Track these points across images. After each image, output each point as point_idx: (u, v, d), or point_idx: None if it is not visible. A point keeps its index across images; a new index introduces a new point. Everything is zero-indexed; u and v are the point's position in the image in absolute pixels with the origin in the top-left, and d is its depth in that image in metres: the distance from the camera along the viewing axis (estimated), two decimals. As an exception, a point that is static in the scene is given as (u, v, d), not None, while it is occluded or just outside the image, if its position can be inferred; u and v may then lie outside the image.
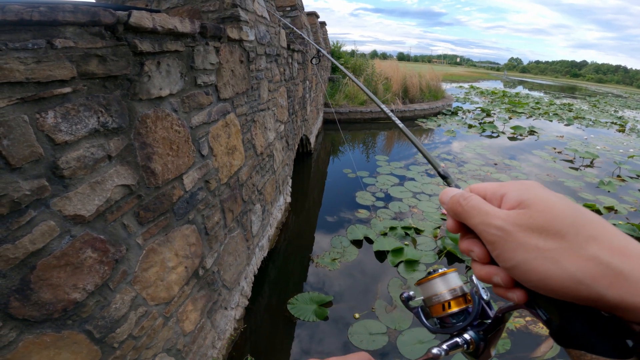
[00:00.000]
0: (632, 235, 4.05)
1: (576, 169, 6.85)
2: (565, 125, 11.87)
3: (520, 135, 9.58)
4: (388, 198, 5.01)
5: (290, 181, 4.46)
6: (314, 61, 5.19)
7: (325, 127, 9.31)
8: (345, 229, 4.10)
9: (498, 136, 9.34)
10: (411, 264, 3.43)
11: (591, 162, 7.34)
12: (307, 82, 5.64)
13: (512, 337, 2.57)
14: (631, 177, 6.51)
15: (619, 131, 11.55)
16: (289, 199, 4.34)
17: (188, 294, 1.57)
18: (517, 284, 0.29)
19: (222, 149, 1.82)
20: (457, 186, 0.39)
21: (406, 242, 3.80)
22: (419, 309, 0.43)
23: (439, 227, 4.18)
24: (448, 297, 0.39)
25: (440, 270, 0.41)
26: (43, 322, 0.88)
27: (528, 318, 2.76)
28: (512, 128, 10.03)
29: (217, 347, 2.08)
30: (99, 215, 1.00)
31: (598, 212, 4.79)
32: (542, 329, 2.65)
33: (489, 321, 0.37)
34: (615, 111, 17.37)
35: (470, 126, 10.22)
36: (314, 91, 6.77)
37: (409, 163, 6.64)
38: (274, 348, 2.47)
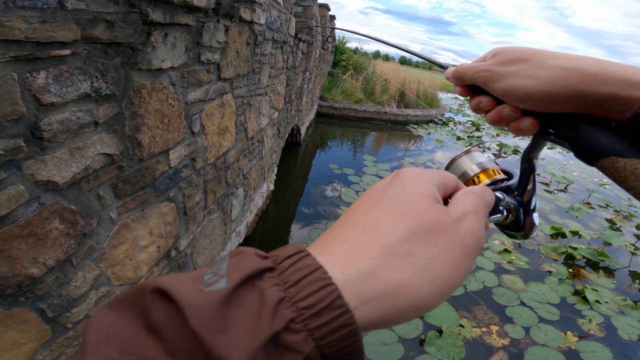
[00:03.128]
0: (590, 259, 4.31)
1: (550, 192, 7.10)
2: (548, 148, 12.18)
3: (505, 152, 9.81)
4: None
5: (275, 169, 4.41)
6: (326, 44, 5.11)
7: (317, 120, 9.27)
8: (325, 224, 4.10)
9: (484, 151, 9.39)
10: None
11: (565, 187, 7.63)
12: (308, 73, 5.57)
13: (467, 347, 2.66)
14: (600, 206, 6.82)
15: None
16: (272, 187, 4.30)
17: (156, 275, 1.50)
18: (525, 113, 0.35)
19: (213, 129, 1.76)
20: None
21: None
22: None
23: None
24: (477, 170, 0.40)
25: (467, 149, 0.43)
26: (-7, 298, 0.80)
27: (484, 329, 2.86)
28: (497, 145, 10.22)
29: None
30: (74, 183, 0.92)
31: (563, 235, 5.02)
32: (495, 339, 2.76)
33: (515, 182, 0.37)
34: None
35: (458, 138, 10.38)
36: (312, 83, 6.72)
37: (394, 166, 6.72)
38: None
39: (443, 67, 0.52)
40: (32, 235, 0.84)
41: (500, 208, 0.35)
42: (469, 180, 0.39)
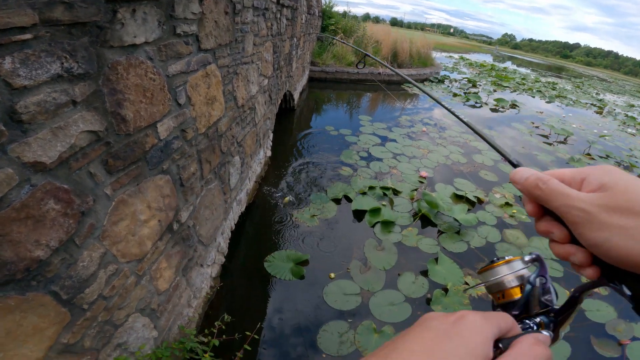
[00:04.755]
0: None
1: (550, 144, 7.11)
2: (547, 102, 12.15)
3: (502, 107, 9.77)
4: (369, 157, 5.06)
5: (271, 135, 4.38)
6: (312, 9, 4.97)
7: (309, 85, 9.05)
8: (325, 185, 4.12)
9: (481, 107, 9.49)
10: (387, 225, 3.52)
11: (565, 139, 7.63)
12: (295, 39, 5.42)
13: (473, 305, 2.72)
14: (600, 157, 6.84)
15: (597, 113, 11.98)
16: (269, 153, 4.29)
17: (162, 250, 1.51)
18: (594, 261, 0.32)
19: (201, 99, 1.73)
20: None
21: (384, 203, 3.88)
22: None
23: (416, 189, 4.29)
24: (512, 284, 0.38)
25: (506, 258, 0.40)
26: (5, 284, 0.82)
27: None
28: (495, 100, 10.17)
29: (193, 306, 2.08)
30: (62, 162, 0.90)
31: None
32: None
33: (554, 302, 0.37)
34: (597, 94, 17.87)
35: (455, 95, 10.29)
36: (302, 49, 6.54)
37: (391, 125, 6.67)
38: (250, 307, 2.51)
39: (513, 164, 0.48)
40: (29, 217, 0.84)
41: (530, 323, 0.36)
42: (504, 289, 0.38)
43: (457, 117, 0.80)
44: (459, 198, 4.27)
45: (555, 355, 2.36)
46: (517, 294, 0.38)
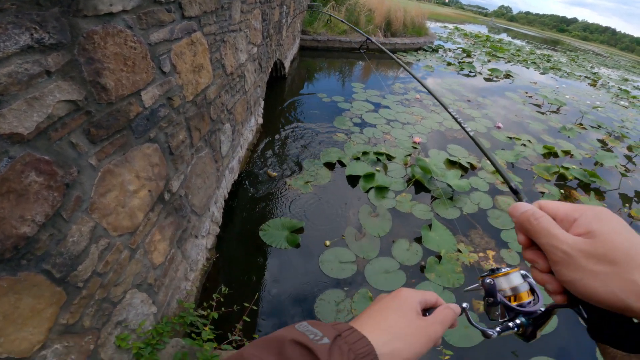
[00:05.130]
0: (582, 180, 4.43)
1: (543, 113, 7.12)
2: (541, 73, 12.08)
3: (496, 77, 9.70)
4: (362, 123, 5.02)
5: (262, 103, 4.30)
6: None
7: (301, 54, 8.78)
8: (318, 151, 4.09)
9: (475, 76, 9.40)
10: (381, 190, 3.54)
11: (558, 109, 7.65)
12: (285, 7, 5.22)
13: (466, 273, 2.76)
14: (592, 127, 6.88)
15: (591, 85, 11.96)
16: (260, 120, 4.23)
17: (154, 221, 1.49)
18: (564, 291, 0.37)
19: (186, 67, 1.67)
20: (528, 201, 0.44)
21: (377, 168, 3.89)
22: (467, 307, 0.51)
23: (409, 155, 4.30)
24: (509, 294, 0.46)
25: (503, 271, 0.47)
26: (-5, 265, 0.79)
27: (481, 254, 2.99)
28: (489, 70, 10.10)
29: (190, 279, 2.08)
30: (41, 133, 0.86)
31: (555, 154, 5.09)
32: (491, 266, 2.89)
33: (541, 310, 0.45)
34: (591, 67, 17.74)
35: (449, 64, 10.13)
36: (292, 17, 6.31)
37: (384, 92, 6.61)
38: (247, 277, 2.53)
39: (515, 191, 0.56)
40: (11, 191, 0.80)
41: (511, 325, 0.45)
42: (506, 297, 0.46)
43: (454, 118, 0.82)
44: (452, 164, 4.29)
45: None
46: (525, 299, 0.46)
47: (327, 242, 2.83)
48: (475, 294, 2.57)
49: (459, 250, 2.96)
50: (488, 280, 0.47)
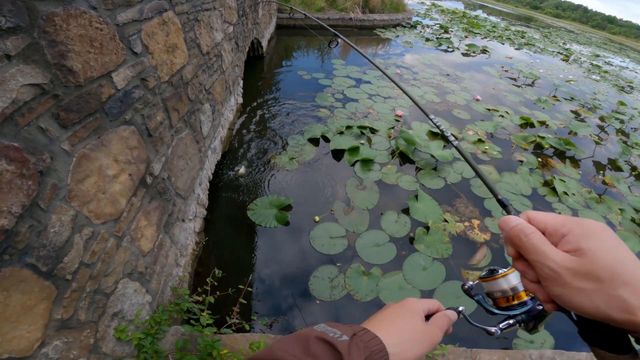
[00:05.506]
0: (557, 148, 4.57)
1: (518, 86, 7.28)
2: (516, 49, 12.29)
3: (474, 52, 9.81)
4: (345, 99, 5.00)
5: (241, 82, 4.21)
6: None
7: (278, 33, 8.52)
8: (302, 128, 4.06)
9: (453, 51, 9.45)
10: (367, 163, 3.56)
11: (532, 82, 7.85)
12: None
13: (453, 243, 2.83)
14: (565, 99, 7.10)
15: (563, 60, 12.28)
16: (240, 100, 4.16)
17: (138, 206, 1.45)
18: (554, 300, 0.38)
19: (159, 47, 1.61)
20: (516, 212, 0.45)
21: (362, 141, 3.90)
22: (481, 297, 0.53)
23: (392, 128, 4.33)
24: (510, 293, 0.48)
25: (502, 272, 0.48)
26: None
27: (467, 223, 3.06)
28: (467, 45, 10.19)
29: (182, 265, 2.06)
30: (7, 119, 0.82)
31: (532, 125, 5.22)
32: (477, 234, 2.96)
33: (538, 309, 0.47)
34: (563, 43, 18.14)
35: (427, 40, 10.12)
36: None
37: (365, 68, 6.56)
38: (239, 259, 2.51)
39: (503, 205, 0.57)
40: None
41: (512, 322, 0.48)
42: (506, 297, 0.48)
43: (436, 125, 0.90)
44: (434, 135, 4.34)
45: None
46: (521, 299, 0.48)
47: (317, 218, 2.83)
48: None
49: (446, 220, 3.03)
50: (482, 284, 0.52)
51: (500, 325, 0.48)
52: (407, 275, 2.51)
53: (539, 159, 4.29)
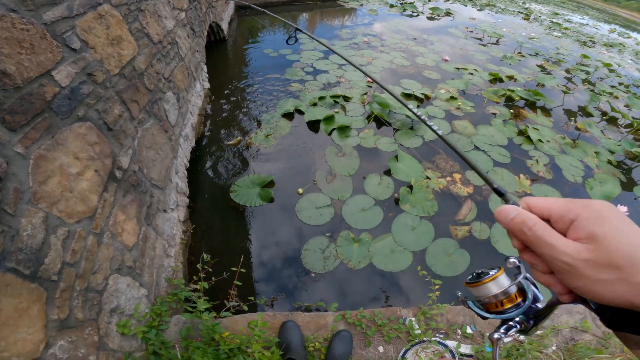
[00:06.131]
0: (528, 99, 4.67)
1: (484, 45, 7.38)
2: (478, 10, 12.33)
3: (438, 15, 9.81)
4: (315, 71, 4.95)
5: (204, 67, 4.10)
6: None
7: (238, 14, 8.20)
8: (274, 104, 4.01)
9: (418, 16, 9.43)
10: (343, 130, 3.57)
11: (497, 41, 7.96)
12: None
13: (438, 199, 2.88)
14: (530, 55, 7.26)
15: (524, 19, 12.42)
16: (207, 85, 4.07)
17: (112, 201, 1.45)
18: (570, 290, 0.36)
19: (101, 41, 1.56)
20: (514, 203, 0.40)
21: (336, 110, 3.89)
22: (472, 303, 0.47)
23: (365, 93, 4.33)
24: (501, 297, 0.43)
25: (490, 275, 0.44)
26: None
27: (449, 178, 3.10)
28: (430, 9, 10.14)
29: (172, 255, 2.06)
30: None
31: (500, 79, 5.29)
32: (460, 188, 3.01)
33: (538, 306, 0.43)
34: (523, 3, 18.28)
35: (391, 6, 10.04)
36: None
37: (332, 40, 6.54)
38: (229, 242, 2.52)
39: (500, 193, 0.47)
40: None
41: (512, 324, 0.43)
42: (498, 301, 0.44)
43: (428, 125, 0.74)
44: (407, 96, 4.36)
45: (511, 248, 2.55)
46: (514, 301, 0.43)
47: (300, 190, 2.83)
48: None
49: (428, 177, 3.07)
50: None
51: (502, 330, 0.44)
52: (397, 237, 2.54)
53: (511, 111, 4.38)
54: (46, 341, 0.99)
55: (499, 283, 0.43)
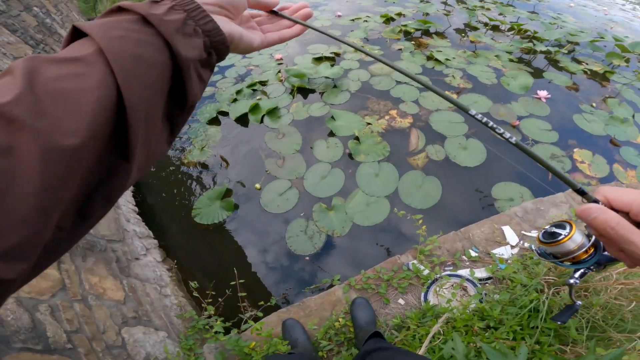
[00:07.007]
0: (421, 29, 4.96)
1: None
2: None
3: None
4: (220, 69, 4.75)
5: None
6: None
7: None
8: (193, 116, 3.81)
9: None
10: (273, 112, 3.53)
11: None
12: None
13: (386, 139, 2.99)
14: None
15: None
16: None
17: (74, 269, 1.38)
18: None
19: None
20: (595, 200, 0.41)
21: (259, 98, 3.83)
22: (545, 254, 0.51)
23: (279, 72, 4.30)
24: (578, 252, 0.46)
25: (566, 235, 0.46)
26: None
27: (387, 117, 3.21)
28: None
29: (169, 294, 2.02)
30: None
31: (392, 19, 5.54)
32: (401, 122, 3.16)
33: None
34: None
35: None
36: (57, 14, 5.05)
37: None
38: (216, 262, 2.44)
39: (582, 192, 0.45)
40: None
41: (585, 270, 0.48)
42: (575, 256, 0.47)
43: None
44: (318, 60, 4.40)
45: (471, 158, 2.75)
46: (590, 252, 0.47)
47: (258, 185, 2.76)
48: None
49: (368, 123, 3.15)
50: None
51: (577, 275, 0.49)
52: (366, 189, 2.60)
53: (413, 42, 4.67)
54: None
55: (575, 240, 0.47)
